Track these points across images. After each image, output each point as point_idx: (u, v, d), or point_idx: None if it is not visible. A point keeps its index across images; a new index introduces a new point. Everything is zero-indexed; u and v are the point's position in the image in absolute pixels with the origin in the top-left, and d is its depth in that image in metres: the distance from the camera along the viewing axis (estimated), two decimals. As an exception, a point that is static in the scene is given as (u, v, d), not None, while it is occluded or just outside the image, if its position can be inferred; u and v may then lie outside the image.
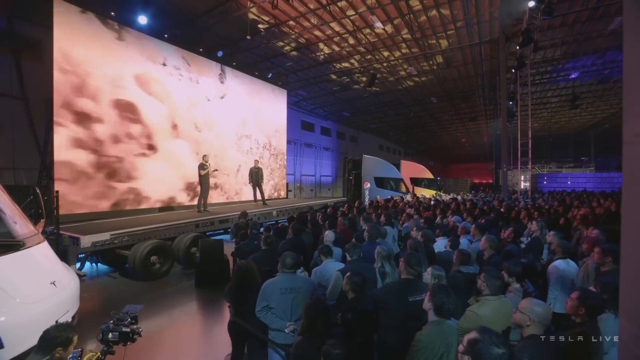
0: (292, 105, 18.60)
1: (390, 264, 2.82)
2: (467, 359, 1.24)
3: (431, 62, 15.00)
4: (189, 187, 9.34)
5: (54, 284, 2.99)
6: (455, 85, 18.59)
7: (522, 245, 4.15)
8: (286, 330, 2.35)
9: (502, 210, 7.30)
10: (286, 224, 5.20)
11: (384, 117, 25.82)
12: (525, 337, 1.69)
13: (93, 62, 7.33)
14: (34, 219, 3.81)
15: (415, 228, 4.27)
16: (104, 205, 7.45)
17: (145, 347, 3.64)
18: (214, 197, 9.88)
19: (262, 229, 5.03)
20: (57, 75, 6.79)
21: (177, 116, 9.15)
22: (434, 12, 10.92)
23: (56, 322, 2.22)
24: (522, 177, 12.56)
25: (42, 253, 3.16)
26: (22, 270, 2.81)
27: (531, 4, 7.47)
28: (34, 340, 2.44)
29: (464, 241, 3.92)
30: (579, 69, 16.36)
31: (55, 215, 5.11)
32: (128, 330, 1.71)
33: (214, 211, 8.28)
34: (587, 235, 3.86)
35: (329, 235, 3.62)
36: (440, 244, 3.96)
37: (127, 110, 7.95)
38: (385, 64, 15.01)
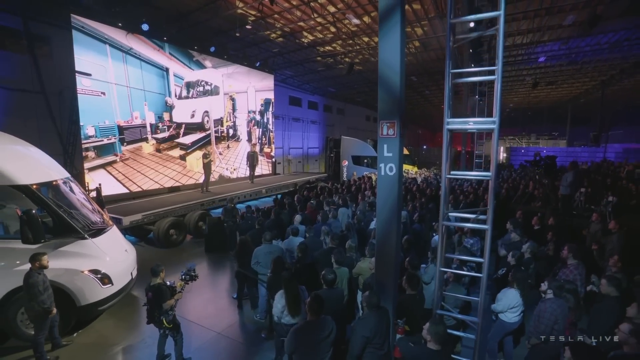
0: (279, 82, 19.68)
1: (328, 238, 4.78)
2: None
3: (410, 47, 16.18)
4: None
5: (126, 251, 4.90)
6: (435, 65, 19.76)
7: None
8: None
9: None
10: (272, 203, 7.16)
11: (369, 91, 26.80)
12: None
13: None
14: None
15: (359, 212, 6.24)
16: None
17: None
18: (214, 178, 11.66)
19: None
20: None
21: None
22: (406, 6, 12.03)
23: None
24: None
25: (115, 233, 5.04)
26: (110, 243, 4.68)
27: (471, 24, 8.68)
28: (123, 282, 4.48)
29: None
30: (547, 53, 17.78)
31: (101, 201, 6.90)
32: (193, 274, 3.63)
33: (214, 191, 10.10)
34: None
35: (297, 218, 5.55)
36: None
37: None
38: (366, 48, 16.12)
